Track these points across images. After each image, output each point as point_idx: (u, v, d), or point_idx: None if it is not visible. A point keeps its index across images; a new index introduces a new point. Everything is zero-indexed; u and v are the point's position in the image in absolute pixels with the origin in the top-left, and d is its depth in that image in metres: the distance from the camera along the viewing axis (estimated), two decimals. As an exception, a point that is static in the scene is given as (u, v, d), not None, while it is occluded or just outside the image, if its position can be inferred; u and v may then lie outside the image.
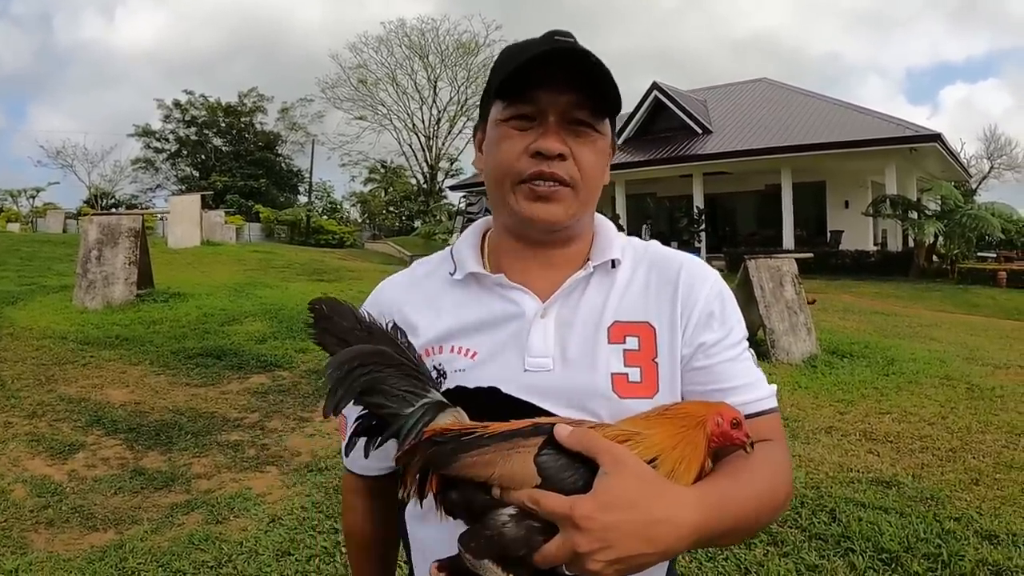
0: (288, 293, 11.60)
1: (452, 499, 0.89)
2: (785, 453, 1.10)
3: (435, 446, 0.90)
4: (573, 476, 0.86)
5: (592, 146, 1.09)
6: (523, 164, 1.07)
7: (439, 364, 1.11)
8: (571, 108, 1.06)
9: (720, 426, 0.93)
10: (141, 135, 50.76)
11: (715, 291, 1.15)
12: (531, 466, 0.85)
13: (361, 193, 54.38)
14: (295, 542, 3.67)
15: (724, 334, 1.12)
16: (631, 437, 0.91)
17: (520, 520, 0.85)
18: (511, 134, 1.08)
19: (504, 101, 1.09)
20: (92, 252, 9.83)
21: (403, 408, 0.93)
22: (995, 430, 5.46)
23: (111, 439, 5.22)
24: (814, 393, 6.54)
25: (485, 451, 0.87)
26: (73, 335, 8.10)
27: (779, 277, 8.21)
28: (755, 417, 1.07)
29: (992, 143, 47.97)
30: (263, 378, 6.82)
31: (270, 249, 24.26)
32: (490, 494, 0.86)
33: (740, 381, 1.10)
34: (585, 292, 1.14)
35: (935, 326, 11.57)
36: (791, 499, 1.08)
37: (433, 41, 48.19)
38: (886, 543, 3.49)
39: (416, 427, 0.92)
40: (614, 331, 1.10)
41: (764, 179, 25.37)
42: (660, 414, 0.96)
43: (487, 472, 0.86)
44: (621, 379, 1.07)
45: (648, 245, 1.23)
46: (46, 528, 3.89)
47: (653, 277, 1.16)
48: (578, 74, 1.04)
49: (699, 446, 0.92)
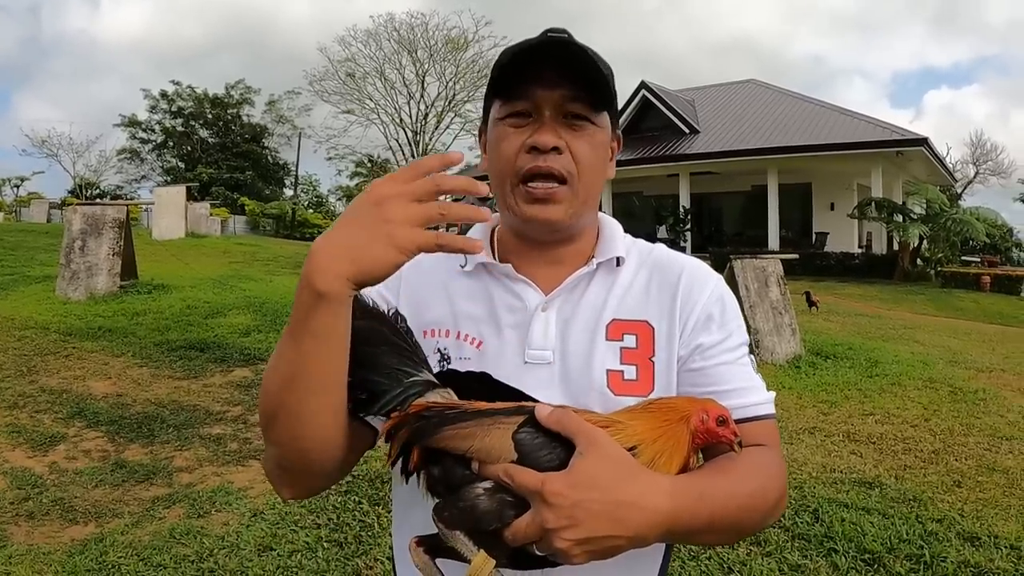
0: (272, 286, 11.54)
1: (434, 475, 0.90)
2: (778, 459, 1.08)
3: (419, 419, 0.91)
4: (549, 455, 0.87)
5: (589, 139, 1.09)
6: (520, 160, 1.08)
7: (444, 348, 1.12)
8: (565, 102, 1.07)
9: (705, 423, 0.93)
10: (127, 125, 50.41)
11: (716, 295, 1.15)
12: (509, 441, 0.87)
13: (347, 187, 54.20)
14: (277, 537, 3.65)
15: (722, 337, 1.12)
16: (612, 424, 0.91)
17: (494, 494, 0.85)
18: (508, 132, 1.09)
19: (501, 100, 1.11)
20: (76, 242, 9.74)
21: (393, 384, 0.95)
22: (977, 433, 5.50)
23: (93, 431, 5.17)
24: (798, 394, 6.57)
25: (466, 425, 0.88)
26: (55, 326, 8.03)
27: (764, 277, 8.24)
28: (750, 422, 1.07)
29: (978, 148, 48.33)
30: (246, 371, 6.78)
31: (255, 242, 24.15)
32: (469, 469, 0.87)
33: (736, 384, 1.10)
34: (588, 288, 1.15)
35: (919, 329, 11.65)
36: (784, 506, 1.06)
37: (422, 36, 47.99)
38: (868, 544, 3.51)
39: (404, 401, 0.94)
40: (612, 328, 1.11)
41: (751, 180, 25.51)
42: (644, 407, 0.96)
43: (466, 445, 0.87)
44: (616, 376, 1.08)
45: (653, 248, 1.24)
46: (26, 521, 3.85)
47: (655, 279, 1.17)
48: (569, 67, 1.05)
49: (681, 441, 0.92)
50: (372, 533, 3.67)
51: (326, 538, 3.62)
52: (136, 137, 50.94)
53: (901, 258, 21.94)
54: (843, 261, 22.54)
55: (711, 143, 25.54)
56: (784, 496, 1.06)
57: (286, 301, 9.63)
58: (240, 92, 51.12)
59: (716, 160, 24.74)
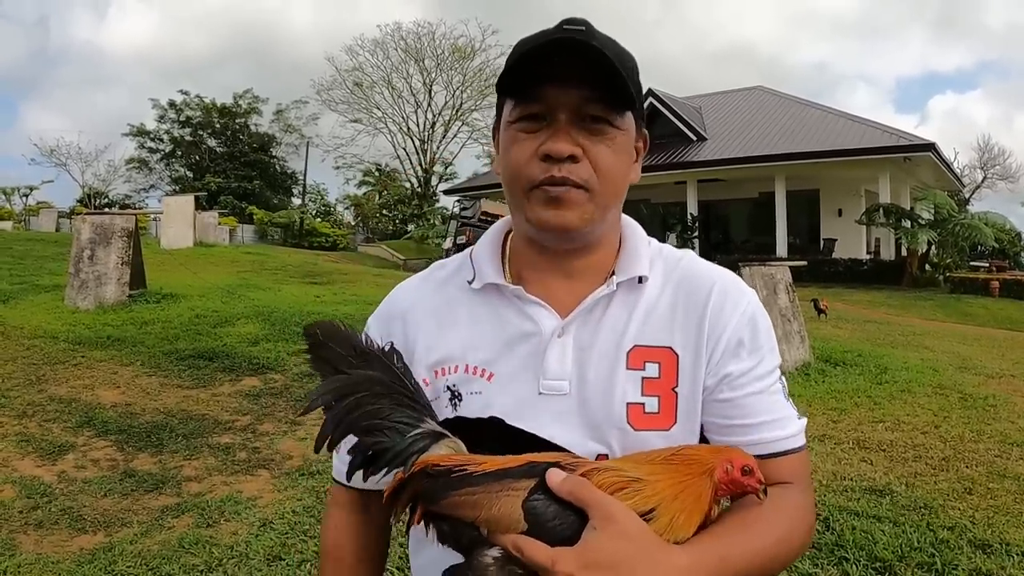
0: (281, 295, 11.57)
1: (443, 530, 0.88)
2: (807, 497, 1.03)
3: (425, 479, 0.88)
4: (561, 524, 0.83)
5: (610, 143, 1.00)
6: (533, 169, 1.00)
7: (453, 385, 1.06)
8: (583, 104, 0.98)
9: (729, 473, 0.88)
10: (135, 135, 50.57)
11: (747, 316, 1.07)
12: (518, 511, 0.83)
13: (355, 196, 54.31)
14: (286, 546, 3.64)
15: (753, 364, 1.05)
16: (630, 484, 0.87)
17: (504, 564, 0.83)
18: (520, 137, 1.01)
19: (512, 100, 1.02)
20: (85, 251, 9.78)
21: (395, 440, 0.91)
22: (988, 439, 5.46)
23: (101, 440, 5.18)
24: (807, 401, 6.53)
25: (473, 491, 0.85)
26: (64, 335, 8.04)
27: (773, 284, 8.21)
28: (779, 456, 1.02)
29: (985, 153, 48.22)
30: (255, 380, 6.78)
31: (263, 251, 24.21)
32: (479, 531, 0.85)
33: (766, 417, 1.03)
34: (607, 311, 1.06)
35: (928, 335, 11.59)
36: (808, 547, 1.02)
37: (429, 45, 48.21)
38: (880, 552, 3.49)
39: (407, 459, 0.90)
40: (633, 356, 1.03)
41: (758, 186, 25.48)
42: (666, 459, 0.91)
43: (474, 513, 0.84)
44: (637, 409, 1.01)
45: (682, 257, 1.15)
46: (35, 529, 3.86)
47: (681, 297, 1.08)
48: (587, 66, 0.95)
49: (703, 496, 0.88)
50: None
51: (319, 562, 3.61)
52: (144, 146, 51.14)
53: (909, 264, 21.88)
54: (851, 267, 22.48)
55: (718, 150, 25.51)
56: (811, 532, 1.02)
57: (294, 310, 9.65)
58: (248, 101, 51.29)
59: (724, 167, 24.73)
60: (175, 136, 50.73)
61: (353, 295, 12.48)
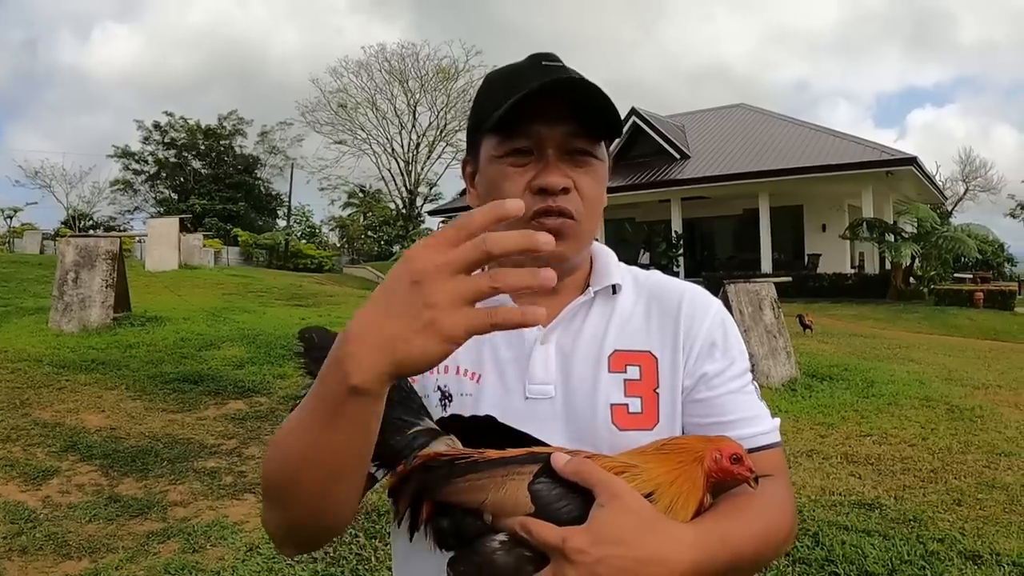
0: (266, 318, 11.52)
1: (443, 528, 0.86)
2: (788, 489, 1.07)
3: (427, 471, 0.88)
4: (568, 506, 0.84)
5: (593, 174, 1.07)
6: (527, 202, 1.00)
7: (445, 385, 1.07)
8: (569, 138, 1.04)
9: (719, 462, 0.90)
10: (120, 156, 50.46)
11: (717, 320, 1.13)
12: (525, 493, 0.83)
13: (340, 218, 54.39)
14: (273, 572, 3.61)
15: (727, 364, 1.10)
16: (628, 470, 0.88)
17: (511, 548, 0.82)
18: (509, 172, 1.05)
19: (498, 136, 1.06)
20: (69, 274, 9.72)
21: (394, 437, 0.91)
22: (976, 450, 5.49)
23: (86, 465, 5.13)
24: (794, 416, 6.55)
25: (478, 476, 0.85)
26: (48, 358, 7.98)
27: (758, 301, 8.25)
28: (756, 452, 1.04)
29: (967, 165, 48.74)
30: (240, 404, 6.74)
31: (248, 273, 24.13)
32: (482, 519, 0.84)
33: (742, 414, 1.08)
34: (587, 318, 1.12)
35: (913, 347, 11.66)
36: (794, 536, 1.05)
37: (413, 66, 48.49)
38: (870, 566, 3.49)
39: (408, 453, 0.90)
40: (615, 360, 1.08)
41: (742, 203, 25.60)
42: (657, 449, 0.93)
43: (479, 498, 0.84)
44: (621, 410, 1.05)
45: (649, 275, 1.20)
46: (19, 555, 3.80)
47: (654, 307, 1.14)
48: (575, 103, 1.01)
49: (697, 482, 0.89)
50: (369, 567, 3.63)
51: (322, 572, 3.58)
52: (129, 168, 51.00)
53: (894, 277, 22.00)
54: (836, 282, 22.57)
55: (702, 168, 25.65)
56: (795, 523, 1.05)
57: (280, 333, 9.60)
58: (232, 123, 51.33)
59: (707, 185, 24.84)
60: (160, 158, 50.65)
61: (338, 317, 12.41)
